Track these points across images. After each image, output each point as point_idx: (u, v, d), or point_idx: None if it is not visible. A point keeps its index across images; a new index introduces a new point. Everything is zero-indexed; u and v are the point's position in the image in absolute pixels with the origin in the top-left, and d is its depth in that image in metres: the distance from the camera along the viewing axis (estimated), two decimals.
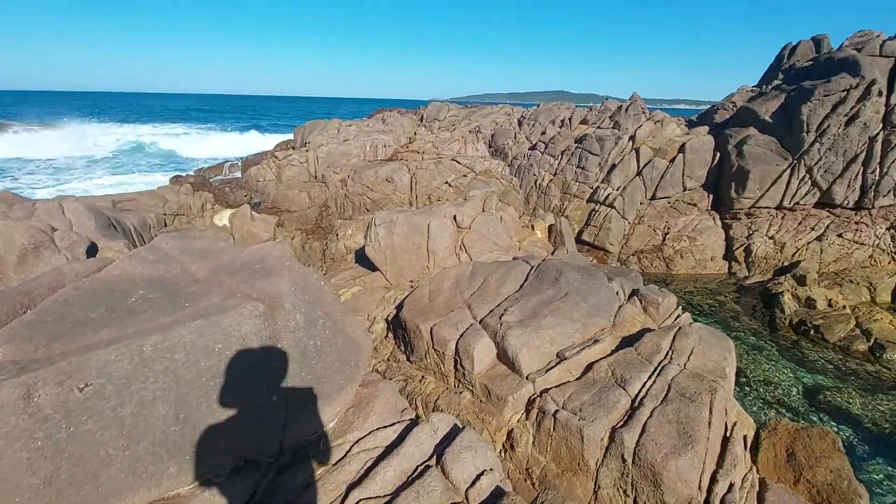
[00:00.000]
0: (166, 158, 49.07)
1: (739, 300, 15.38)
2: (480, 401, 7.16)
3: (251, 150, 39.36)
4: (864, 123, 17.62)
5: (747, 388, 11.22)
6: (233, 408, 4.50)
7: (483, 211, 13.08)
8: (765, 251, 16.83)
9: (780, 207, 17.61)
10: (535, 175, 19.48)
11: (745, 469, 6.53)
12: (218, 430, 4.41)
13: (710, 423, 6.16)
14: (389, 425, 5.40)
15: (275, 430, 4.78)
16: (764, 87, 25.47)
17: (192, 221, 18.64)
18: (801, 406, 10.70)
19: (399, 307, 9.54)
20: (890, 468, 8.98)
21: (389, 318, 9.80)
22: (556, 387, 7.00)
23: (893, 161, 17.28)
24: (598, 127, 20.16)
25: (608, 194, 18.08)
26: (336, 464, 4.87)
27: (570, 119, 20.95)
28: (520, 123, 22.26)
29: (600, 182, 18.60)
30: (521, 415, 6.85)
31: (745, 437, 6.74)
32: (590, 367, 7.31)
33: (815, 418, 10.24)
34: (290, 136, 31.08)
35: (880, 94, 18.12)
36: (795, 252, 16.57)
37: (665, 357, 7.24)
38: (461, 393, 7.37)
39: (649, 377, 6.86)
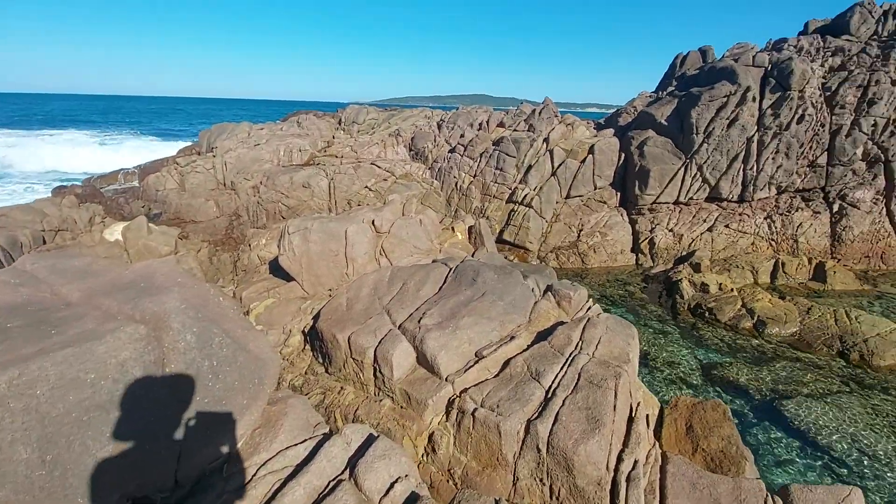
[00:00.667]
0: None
1: (646, 289, 16.84)
2: (401, 406, 7.15)
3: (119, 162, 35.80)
4: (743, 126, 20.09)
5: (654, 370, 12.29)
6: (114, 442, 4.10)
7: (403, 215, 13.10)
8: (666, 243, 18.62)
9: (677, 202, 19.56)
10: (455, 177, 19.92)
11: (648, 446, 7.13)
12: (99, 468, 4.00)
13: (615, 406, 6.65)
14: (300, 442, 5.22)
15: (167, 462, 4.42)
16: (660, 92, 28.14)
17: (77, 238, 16.72)
18: (699, 382, 11.91)
19: (316, 317, 9.26)
20: (771, 430, 10.27)
21: (306, 330, 9.48)
22: (474, 386, 7.18)
23: (767, 159, 19.88)
24: (514, 129, 21.11)
25: (526, 194, 18.98)
26: (241, 489, 4.61)
27: (487, 122, 21.70)
28: (439, 126, 22.65)
29: (518, 183, 19.49)
30: (441, 417, 6.94)
31: (647, 417, 7.37)
32: (507, 363, 7.60)
33: (710, 392, 11.45)
34: (186, 143, 28.98)
35: (754, 99, 20.77)
36: (691, 242, 18.52)
37: (576, 348, 7.71)
38: (381, 401, 7.31)
39: (561, 368, 7.27)
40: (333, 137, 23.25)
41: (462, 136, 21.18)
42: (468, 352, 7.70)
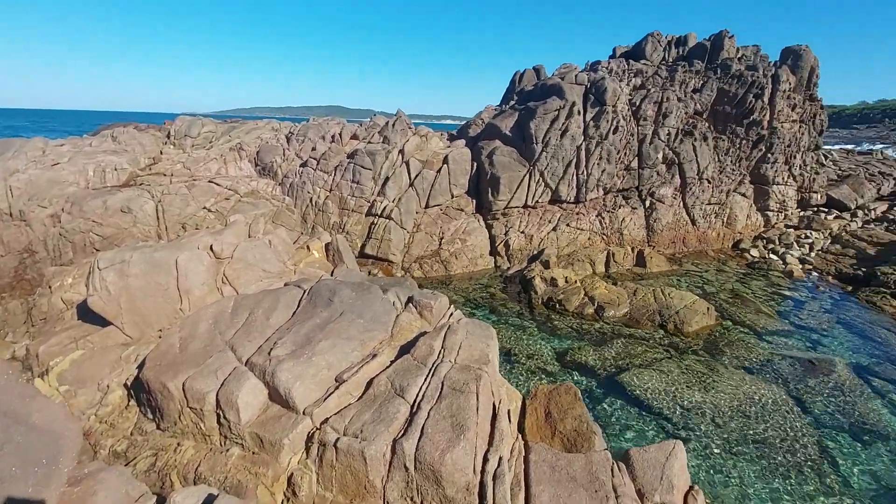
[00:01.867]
0: None
1: (505, 289, 18.18)
2: (252, 452, 6.45)
3: None
4: (572, 136, 23.00)
5: (516, 363, 13.23)
6: None
7: (249, 236, 12.05)
8: (519, 244, 20.39)
9: (525, 206, 21.58)
10: (309, 192, 19.10)
11: (512, 440, 7.56)
12: None
13: (478, 408, 6.90)
14: None
15: None
16: (504, 105, 30.89)
17: None
18: (556, 369, 13.15)
19: (141, 366, 7.92)
20: (615, 402, 11.75)
21: (129, 382, 8.04)
22: (336, 414, 6.83)
23: (593, 164, 23.06)
24: (369, 141, 21.12)
25: (385, 206, 19.08)
26: None
27: (340, 134, 21.33)
28: (288, 139, 21.53)
29: (376, 195, 19.50)
30: (300, 455, 6.44)
31: (509, 412, 7.81)
32: (370, 383, 7.39)
33: (565, 376, 12.70)
34: None
35: (579, 112, 23.93)
36: (540, 242, 20.58)
37: (438, 356, 7.84)
38: (228, 450, 6.51)
39: (425, 380, 7.32)
40: (161, 153, 20.41)
41: (314, 149, 20.42)
42: (328, 378, 7.31)
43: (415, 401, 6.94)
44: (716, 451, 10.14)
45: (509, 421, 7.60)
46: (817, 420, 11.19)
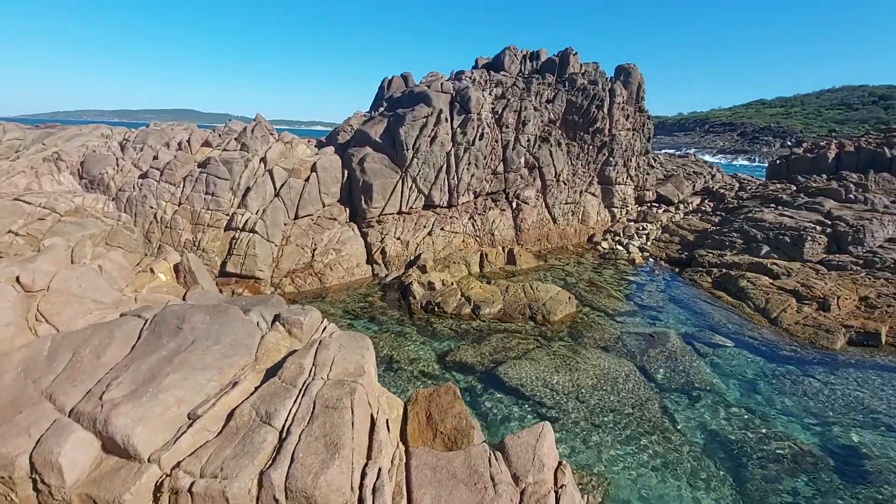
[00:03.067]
0: None
1: (384, 296, 18.18)
2: None
3: None
4: (442, 142, 23.88)
5: (398, 370, 13.29)
6: None
7: (72, 262, 10.30)
8: (396, 250, 20.56)
9: (400, 212, 21.84)
10: (153, 207, 16.90)
11: (392, 448, 7.55)
12: None
13: (353, 423, 6.75)
14: None
15: None
16: (373, 112, 30.92)
17: None
18: (438, 371, 13.49)
19: None
20: (494, 394, 12.44)
21: None
22: (191, 454, 6.13)
23: (463, 169, 24.22)
24: (224, 149, 19.47)
25: (247, 219, 17.75)
26: None
27: (188, 141, 19.27)
28: (123, 147, 18.77)
29: (236, 207, 18.05)
30: None
31: (388, 421, 7.80)
32: (232, 414, 6.80)
33: (447, 377, 13.09)
34: None
35: (447, 120, 24.94)
36: (417, 247, 21.01)
37: (309, 375, 7.50)
38: None
39: (295, 402, 6.94)
40: None
41: (156, 157, 18.13)
42: (178, 415, 6.54)
43: (284, 426, 6.55)
44: (581, 424, 11.32)
45: (388, 430, 7.58)
46: (658, 385, 13.14)
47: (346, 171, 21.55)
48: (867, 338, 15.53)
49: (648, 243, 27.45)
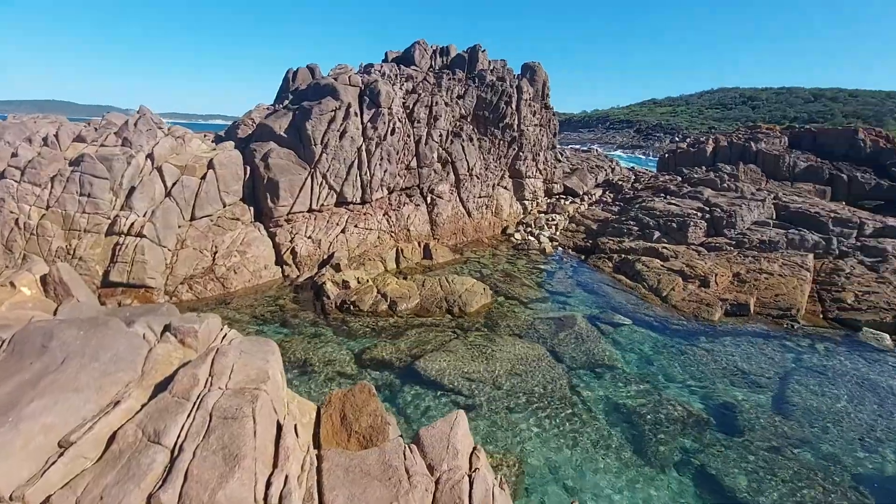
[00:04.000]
0: None
1: (297, 298, 17.51)
2: None
3: None
4: (352, 137, 23.39)
5: (313, 373, 12.90)
6: None
7: None
8: (307, 250, 19.85)
9: (311, 210, 21.10)
10: (13, 212, 14.65)
11: (302, 454, 7.31)
12: None
13: (255, 432, 6.44)
14: None
15: None
16: (277, 105, 29.47)
17: None
18: (355, 370, 13.29)
19: None
20: (413, 388, 12.50)
21: None
22: (64, 486, 5.49)
23: (375, 165, 23.95)
24: (102, 145, 17.42)
25: (133, 222, 16.05)
26: None
27: (56, 136, 16.90)
28: None
29: (119, 210, 16.24)
30: None
31: (296, 426, 7.54)
32: (114, 436, 6.17)
33: (365, 375, 12.94)
34: None
35: (356, 114, 24.47)
36: (330, 245, 20.44)
37: (205, 386, 7.03)
38: None
39: (188, 416, 6.47)
40: None
41: (15, 154, 15.72)
42: (47, 444, 5.82)
43: (176, 443, 6.07)
44: (497, 408, 11.77)
45: (297, 436, 7.34)
46: (567, 365, 14.02)
47: (248, 168, 20.34)
48: (739, 308, 17.81)
49: (557, 233, 29.14)
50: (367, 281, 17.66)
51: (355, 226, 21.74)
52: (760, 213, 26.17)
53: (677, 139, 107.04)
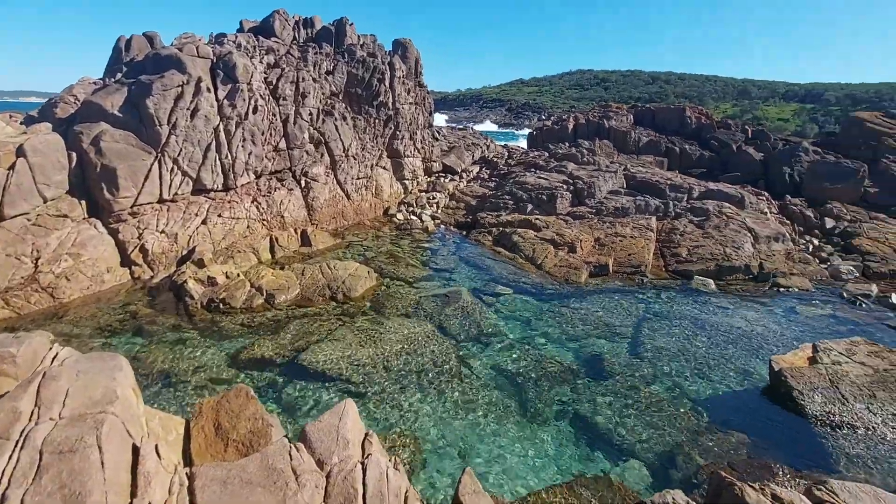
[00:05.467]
0: None
1: (153, 302, 15.49)
2: None
3: None
4: (206, 116, 21.03)
5: (179, 383, 11.63)
6: None
7: None
8: (161, 246, 17.58)
9: (161, 201, 18.64)
10: None
11: (168, 475, 6.56)
12: None
13: (103, 462, 5.60)
14: None
15: None
16: (108, 79, 25.28)
17: None
18: (230, 374, 12.26)
19: None
20: (298, 384, 11.92)
21: None
22: None
23: (237, 147, 21.90)
24: None
25: None
26: None
27: None
28: None
29: None
30: None
31: (157, 447, 6.71)
32: None
33: (242, 378, 11.99)
34: None
35: (209, 90, 21.99)
36: (189, 239, 18.35)
37: (30, 420, 5.90)
38: None
39: (10, 457, 5.39)
40: None
41: None
42: None
43: None
44: (389, 390, 11.78)
45: (160, 457, 6.55)
46: (455, 338, 14.51)
47: (74, 155, 17.19)
48: (601, 269, 19.99)
49: (439, 211, 29.76)
50: (238, 275, 16.25)
51: (219, 215, 19.77)
52: (614, 184, 29.50)
53: (543, 117, 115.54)
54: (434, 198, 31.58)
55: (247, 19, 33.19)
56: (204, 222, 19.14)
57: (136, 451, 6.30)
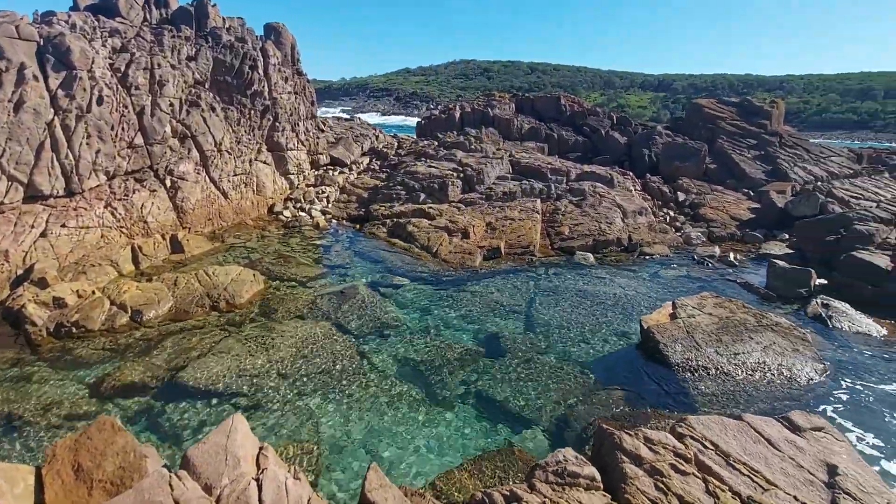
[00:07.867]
0: None
1: None
2: None
3: None
4: (35, 109, 17.94)
5: (25, 427, 9.90)
6: None
7: None
8: None
9: None
10: None
11: None
12: None
13: None
14: None
15: None
16: None
17: None
18: (92, 407, 10.71)
19: None
20: (178, 407, 10.80)
21: None
22: None
23: (81, 144, 19.00)
24: None
25: None
26: None
27: None
28: None
29: None
30: None
31: None
32: None
33: (107, 409, 10.54)
34: None
35: (37, 78, 18.75)
36: (25, 256, 15.54)
37: None
38: None
39: None
40: None
41: None
42: None
43: None
44: (286, 398, 11.18)
45: None
46: (354, 335, 14.20)
47: None
48: (493, 252, 20.89)
49: (329, 206, 28.77)
50: (93, 292, 14.18)
51: (63, 225, 17.01)
52: (501, 170, 30.91)
53: (432, 107, 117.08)
54: (323, 192, 30.45)
55: None
56: (43, 234, 16.33)
57: None
